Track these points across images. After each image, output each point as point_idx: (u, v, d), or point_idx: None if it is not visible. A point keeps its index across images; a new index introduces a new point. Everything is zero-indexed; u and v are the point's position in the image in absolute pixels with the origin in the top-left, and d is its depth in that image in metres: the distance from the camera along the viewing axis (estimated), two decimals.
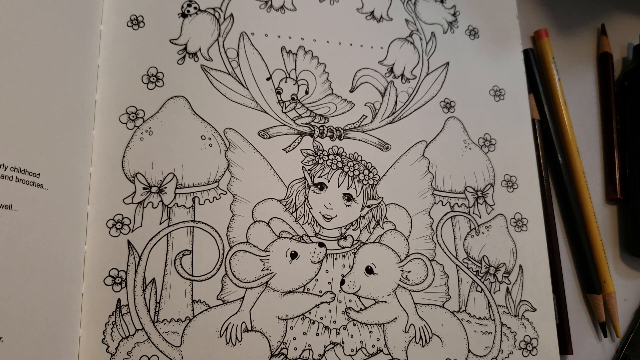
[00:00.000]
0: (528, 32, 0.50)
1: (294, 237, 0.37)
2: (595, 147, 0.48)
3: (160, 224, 0.35)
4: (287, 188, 0.37)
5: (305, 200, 0.37)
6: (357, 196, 0.39)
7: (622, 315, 0.44)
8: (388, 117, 0.41)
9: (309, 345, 0.35)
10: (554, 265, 0.42)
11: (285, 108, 0.39)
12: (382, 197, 0.39)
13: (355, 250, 0.37)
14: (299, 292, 0.36)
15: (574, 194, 0.45)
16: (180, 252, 0.35)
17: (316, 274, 0.36)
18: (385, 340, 0.36)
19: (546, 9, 0.51)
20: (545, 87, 0.48)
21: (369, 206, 0.39)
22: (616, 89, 0.49)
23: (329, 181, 0.38)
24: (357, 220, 0.38)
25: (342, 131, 0.40)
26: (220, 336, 0.34)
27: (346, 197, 0.38)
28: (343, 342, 0.35)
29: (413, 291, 0.38)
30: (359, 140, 0.40)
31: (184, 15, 0.39)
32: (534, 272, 0.41)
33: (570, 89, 0.49)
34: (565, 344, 0.40)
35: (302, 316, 0.35)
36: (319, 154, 0.39)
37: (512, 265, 0.40)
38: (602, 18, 0.52)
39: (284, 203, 0.37)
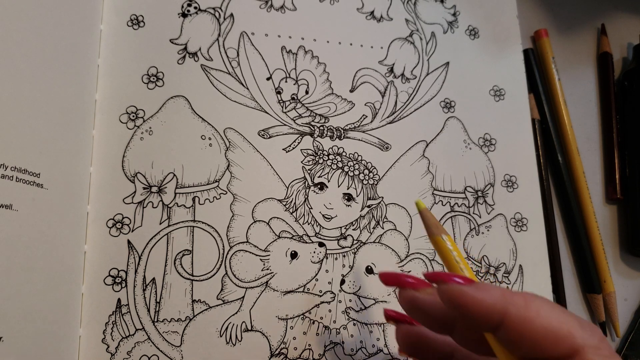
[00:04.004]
0: (528, 32, 0.50)
1: (294, 237, 0.37)
2: (595, 147, 0.48)
3: (160, 223, 0.35)
4: (287, 188, 0.37)
5: (305, 200, 0.37)
6: (357, 196, 0.39)
7: (622, 315, 0.44)
8: (388, 117, 0.41)
9: (309, 345, 0.35)
10: (554, 265, 0.42)
11: (286, 108, 0.39)
12: (382, 197, 0.39)
13: (355, 250, 0.37)
14: (299, 292, 0.36)
15: (574, 194, 0.45)
16: (180, 252, 0.35)
17: (316, 274, 0.36)
18: (385, 340, 0.36)
19: (546, 9, 0.51)
20: (545, 87, 0.48)
21: (369, 206, 0.39)
22: (616, 89, 0.49)
23: (329, 181, 0.38)
24: (357, 220, 0.38)
25: (342, 131, 0.40)
26: (221, 336, 0.34)
27: (346, 197, 0.38)
28: (343, 342, 0.35)
29: None
30: (359, 140, 0.40)
31: (184, 15, 0.39)
32: (534, 272, 0.41)
33: (570, 89, 0.49)
34: None
35: (302, 316, 0.35)
36: (319, 153, 0.39)
37: (512, 265, 0.40)
38: (602, 18, 0.52)
39: (284, 203, 0.37)
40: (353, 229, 0.38)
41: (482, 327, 0.23)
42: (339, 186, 0.38)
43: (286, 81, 0.40)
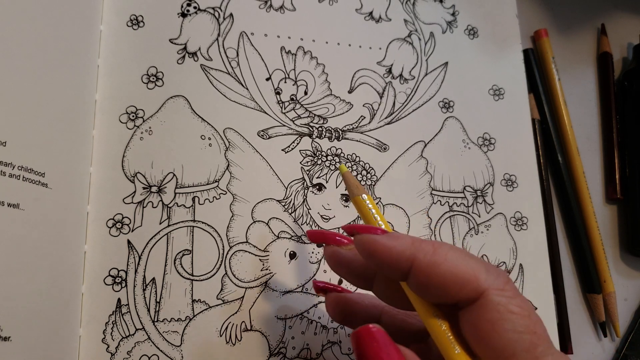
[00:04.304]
0: (528, 32, 0.50)
1: (292, 237, 0.37)
2: (595, 147, 0.48)
3: (160, 223, 0.35)
4: (286, 188, 0.38)
5: (304, 201, 0.38)
6: None
7: (622, 315, 0.44)
8: (386, 117, 0.41)
9: (307, 345, 0.35)
10: (554, 265, 0.42)
11: (285, 108, 0.39)
12: (380, 198, 0.39)
13: None
14: (297, 291, 0.36)
15: (574, 194, 0.46)
16: (180, 252, 0.35)
17: (314, 274, 0.36)
18: None
19: (546, 9, 0.51)
20: (545, 87, 0.48)
21: None
22: (616, 89, 0.49)
23: (327, 182, 0.38)
24: (354, 220, 0.38)
25: (340, 132, 0.40)
26: (220, 335, 0.34)
27: (344, 198, 0.38)
28: (340, 341, 0.36)
29: None
30: (357, 141, 0.40)
31: (183, 15, 0.39)
32: (534, 271, 0.41)
33: (570, 89, 0.49)
34: (565, 344, 0.40)
35: (300, 316, 0.35)
36: (317, 154, 0.39)
37: (512, 264, 0.40)
38: (602, 18, 0.52)
39: (283, 203, 0.37)
40: None
41: (394, 274, 0.24)
42: (337, 187, 0.38)
43: (285, 82, 0.40)
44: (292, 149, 0.38)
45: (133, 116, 0.36)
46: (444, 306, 0.23)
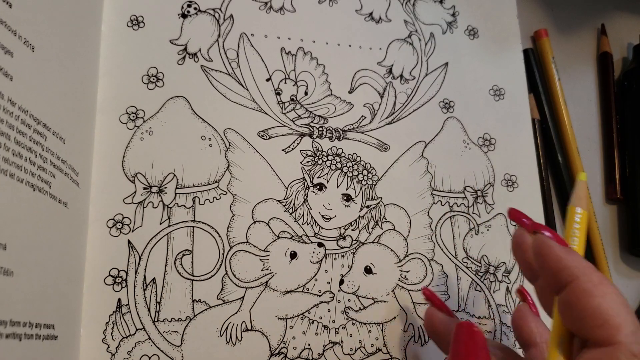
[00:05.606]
0: (528, 32, 0.50)
1: (293, 237, 0.37)
2: (595, 147, 0.49)
3: (161, 223, 0.35)
4: (287, 188, 0.38)
5: (304, 201, 0.38)
6: (356, 196, 0.39)
7: None
8: (387, 117, 0.41)
9: (308, 345, 0.35)
10: None
11: (285, 109, 0.39)
12: (381, 198, 0.39)
13: (354, 250, 0.38)
14: (298, 291, 0.36)
15: None
16: (180, 252, 0.35)
17: (315, 274, 0.36)
18: (384, 339, 0.36)
19: (546, 9, 0.51)
20: (545, 87, 0.48)
21: (367, 206, 0.39)
22: (616, 89, 0.50)
23: (328, 181, 0.38)
24: (356, 220, 0.38)
25: (341, 132, 0.40)
26: (221, 335, 0.34)
27: (345, 198, 0.38)
28: (342, 342, 0.36)
29: (412, 290, 0.38)
30: (357, 140, 0.40)
31: (184, 16, 0.39)
32: None
33: (570, 89, 0.49)
34: None
35: (301, 316, 0.35)
36: (318, 154, 0.39)
37: (512, 264, 0.41)
38: (602, 18, 0.52)
39: (284, 203, 0.37)
40: (352, 229, 0.38)
41: (550, 283, 0.24)
42: (337, 187, 0.39)
43: (285, 82, 0.40)
44: (293, 149, 0.38)
45: (133, 116, 0.36)
46: (579, 341, 0.24)
